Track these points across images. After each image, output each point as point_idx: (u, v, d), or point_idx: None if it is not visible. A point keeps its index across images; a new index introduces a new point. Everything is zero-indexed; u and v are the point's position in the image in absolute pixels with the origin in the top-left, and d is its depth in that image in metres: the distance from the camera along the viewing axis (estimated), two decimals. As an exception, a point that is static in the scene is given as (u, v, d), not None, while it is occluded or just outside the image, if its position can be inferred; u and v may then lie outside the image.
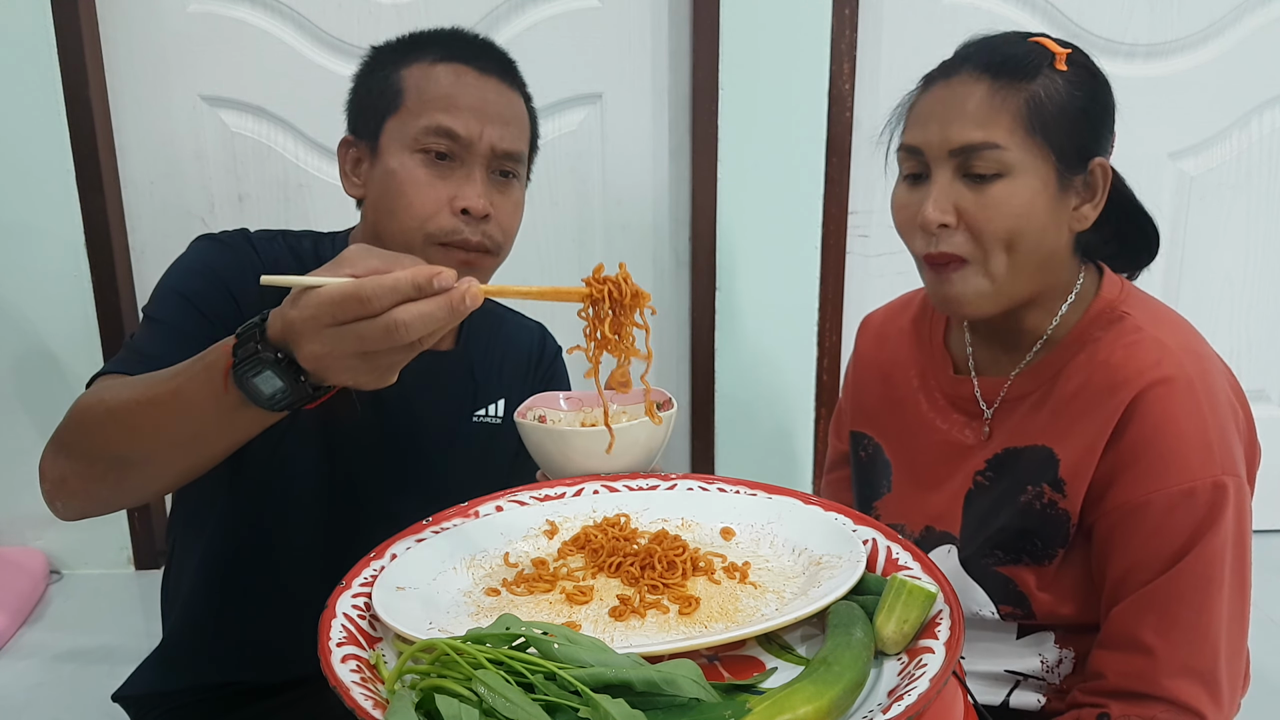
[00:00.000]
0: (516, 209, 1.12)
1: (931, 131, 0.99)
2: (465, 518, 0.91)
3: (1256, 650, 1.07)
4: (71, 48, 1.95)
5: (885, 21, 2.13)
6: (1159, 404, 0.95)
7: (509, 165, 1.10)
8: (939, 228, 0.98)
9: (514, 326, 1.30)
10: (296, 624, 1.08)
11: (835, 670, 0.65)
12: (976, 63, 0.99)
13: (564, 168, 2.16)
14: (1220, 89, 2.19)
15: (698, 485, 0.96)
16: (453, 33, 1.12)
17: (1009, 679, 1.09)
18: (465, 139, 1.05)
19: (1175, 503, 0.94)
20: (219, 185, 2.12)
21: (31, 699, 1.87)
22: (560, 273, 2.23)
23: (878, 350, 1.24)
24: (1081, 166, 1.00)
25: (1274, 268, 2.32)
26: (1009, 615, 1.06)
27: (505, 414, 1.23)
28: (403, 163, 1.06)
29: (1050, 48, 1.00)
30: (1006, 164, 0.96)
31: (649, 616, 0.77)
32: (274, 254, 1.11)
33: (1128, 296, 1.05)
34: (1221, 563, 0.95)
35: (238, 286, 1.04)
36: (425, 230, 1.05)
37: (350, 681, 0.65)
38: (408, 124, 1.06)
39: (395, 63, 1.09)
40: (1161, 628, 0.95)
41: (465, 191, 1.05)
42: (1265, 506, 2.46)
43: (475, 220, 1.06)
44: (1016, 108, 0.97)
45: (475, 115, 1.06)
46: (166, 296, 1.06)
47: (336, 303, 0.70)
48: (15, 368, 2.12)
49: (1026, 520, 1.03)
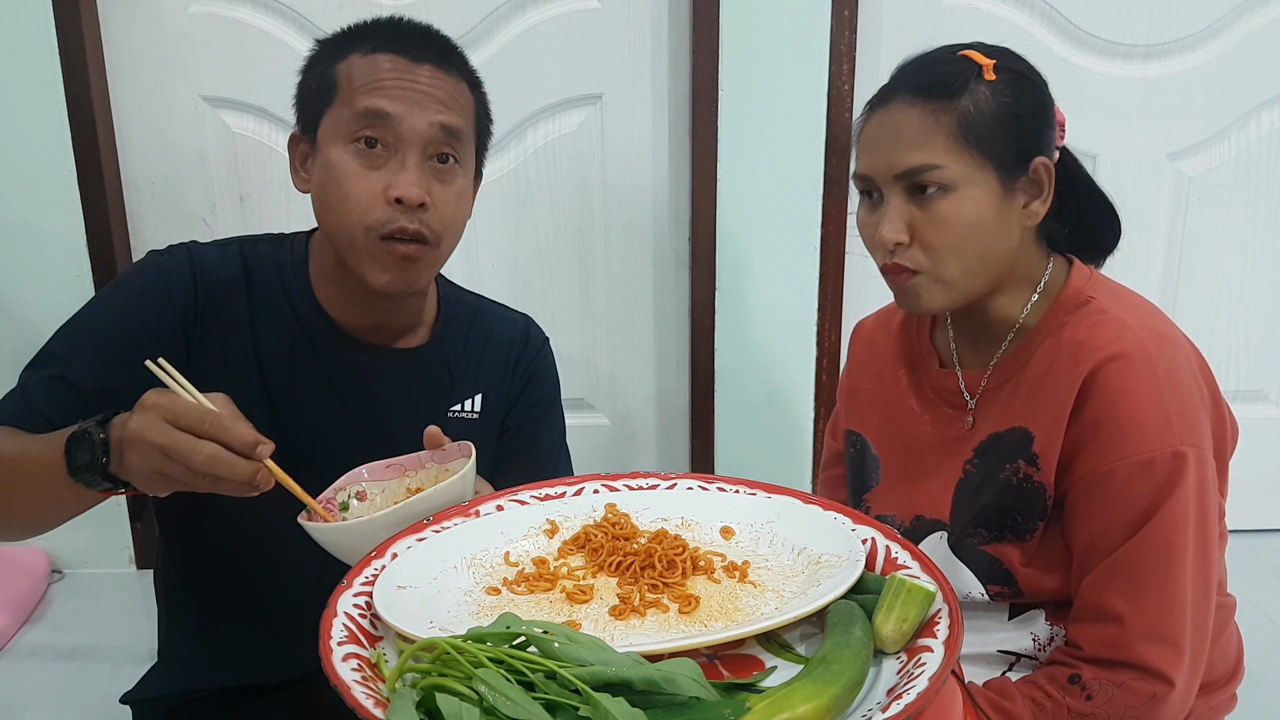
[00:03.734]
0: (459, 199, 1.08)
1: (877, 158, 1.06)
2: (466, 517, 0.91)
3: (1257, 650, 1.08)
4: (73, 48, 1.96)
5: (885, 22, 2.13)
6: (1116, 377, 1.00)
7: (447, 147, 1.05)
8: (895, 245, 1.05)
9: (494, 318, 1.26)
10: (280, 630, 1.08)
11: (834, 669, 0.66)
12: (908, 87, 1.04)
13: (564, 168, 2.16)
14: (1219, 89, 2.19)
15: (697, 485, 0.97)
16: (389, 21, 1.09)
17: (1003, 659, 1.13)
18: (394, 119, 1.02)
19: (1135, 472, 0.99)
20: (220, 186, 2.13)
21: (32, 699, 1.87)
22: (560, 273, 2.23)
23: (869, 354, 1.30)
24: (1023, 168, 1.05)
25: (1272, 268, 2.32)
26: (998, 595, 1.10)
27: (482, 409, 1.21)
28: (338, 154, 1.04)
29: (977, 60, 1.04)
30: (948, 181, 1.02)
31: (649, 615, 0.77)
32: (212, 263, 1.10)
33: (1095, 284, 1.10)
34: (1184, 530, 0.99)
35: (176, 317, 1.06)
36: (364, 223, 1.03)
37: (351, 680, 0.65)
38: (340, 114, 1.04)
39: (334, 56, 1.07)
40: (1129, 594, 0.99)
41: (399, 180, 1.02)
42: (1265, 506, 2.48)
43: (411, 209, 1.03)
44: (949, 127, 1.02)
45: (405, 96, 1.03)
46: (80, 339, 1.04)
47: (183, 410, 0.81)
48: (15, 368, 2.11)
49: (1006, 497, 1.08)
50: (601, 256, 2.22)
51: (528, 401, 1.25)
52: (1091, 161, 2.20)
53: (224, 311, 1.09)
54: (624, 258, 2.23)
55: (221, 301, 1.09)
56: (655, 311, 2.27)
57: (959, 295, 1.07)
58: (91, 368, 1.02)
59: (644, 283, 2.25)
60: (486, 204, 1.09)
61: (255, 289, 1.11)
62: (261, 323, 1.10)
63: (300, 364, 1.11)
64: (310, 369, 1.11)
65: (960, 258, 1.04)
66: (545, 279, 2.23)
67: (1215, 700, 1.17)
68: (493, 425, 1.23)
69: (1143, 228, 2.26)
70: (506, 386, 1.23)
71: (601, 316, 2.27)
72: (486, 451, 1.22)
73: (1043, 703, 1.02)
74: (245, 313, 1.10)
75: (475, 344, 1.22)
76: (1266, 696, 1.71)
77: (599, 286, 2.24)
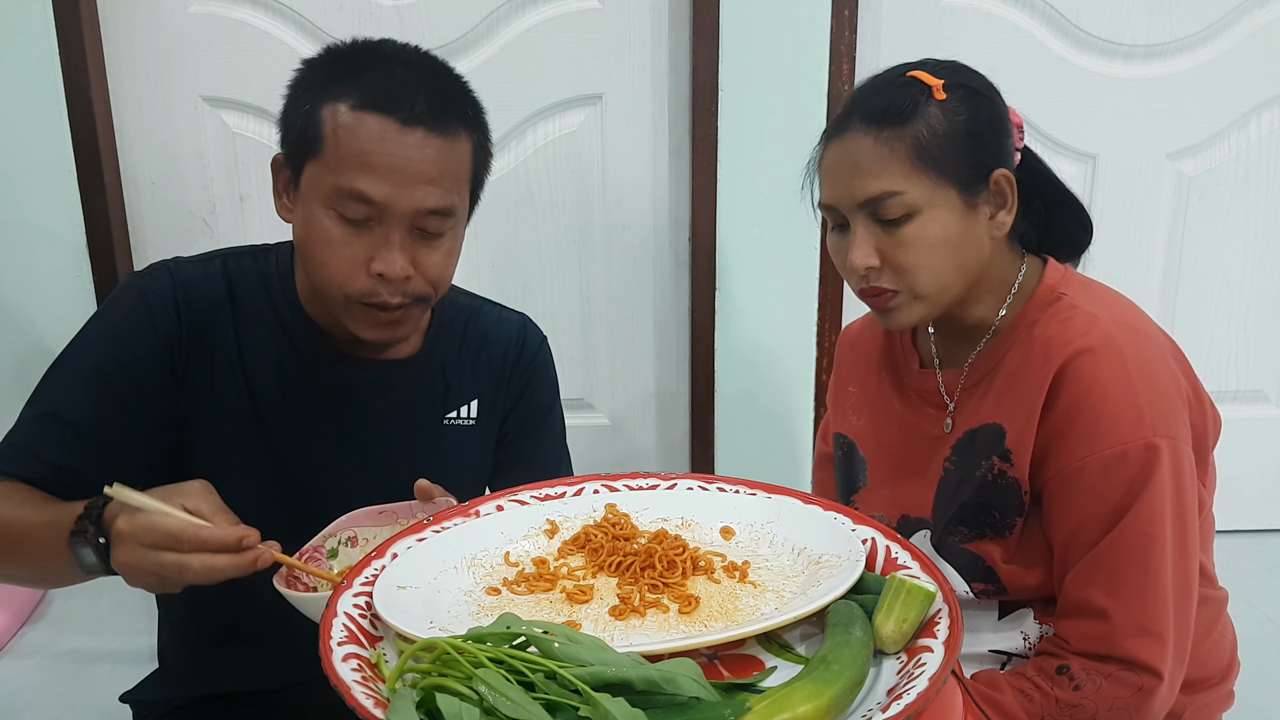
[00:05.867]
0: (447, 258, 1.04)
1: (839, 188, 1.06)
2: (466, 517, 0.91)
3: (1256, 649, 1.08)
4: (73, 48, 1.95)
5: (885, 22, 2.13)
6: (1086, 371, 1.01)
7: (434, 224, 1.01)
8: (867, 270, 1.05)
9: (490, 320, 1.22)
10: (276, 639, 1.08)
11: (835, 669, 0.66)
12: (861, 116, 1.05)
13: (564, 168, 2.16)
14: (1219, 90, 2.19)
15: (697, 485, 0.97)
16: (376, 72, 0.99)
17: (995, 659, 1.13)
18: (381, 204, 0.97)
19: (1109, 465, 1.00)
20: (220, 186, 2.13)
21: (32, 699, 1.87)
22: (560, 272, 2.23)
23: (854, 357, 1.31)
24: (984, 183, 1.06)
25: (1272, 268, 2.32)
26: (982, 592, 1.11)
27: (479, 414, 1.19)
28: (318, 218, 0.99)
29: (926, 81, 1.05)
30: (911, 205, 1.02)
31: (649, 615, 0.77)
32: (194, 282, 1.07)
33: (1068, 280, 1.11)
34: (1162, 522, 0.99)
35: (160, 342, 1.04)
36: (344, 291, 1.00)
37: (351, 680, 0.65)
38: (323, 177, 0.98)
39: (320, 94, 0.99)
40: (1111, 588, 1.00)
41: (382, 254, 0.98)
42: (1265, 506, 2.48)
43: (394, 282, 0.99)
44: (904, 152, 1.02)
45: (394, 178, 0.96)
46: (67, 374, 1.03)
47: (156, 533, 0.83)
48: (16, 368, 2.12)
49: (982, 493, 1.08)
50: (601, 256, 2.22)
51: (527, 406, 1.24)
52: (1091, 161, 2.20)
53: (209, 332, 1.07)
54: (624, 258, 2.23)
55: (206, 322, 1.07)
56: (655, 311, 2.27)
57: (936, 307, 1.08)
58: (81, 403, 1.01)
59: (644, 283, 2.25)
60: (487, 204, 1.07)
61: (241, 305, 1.08)
62: (248, 340, 1.08)
63: (290, 380, 1.09)
64: (300, 384, 1.09)
65: (932, 274, 1.05)
66: (545, 279, 2.23)
67: (1212, 697, 1.18)
68: (490, 431, 1.21)
69: (1143, 228, 2.26)
70: (504, 391, 1.22)
71: (601, 316, 2.27)
72: (484, 457, 1.22)
73: (1031, 694, 1.02)
74: (231, 331, 1.07)
75: (471, 348, 1.20)
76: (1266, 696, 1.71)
77: (599, 286, 2.24)
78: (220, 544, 0.83)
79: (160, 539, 0.83)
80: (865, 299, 1.10)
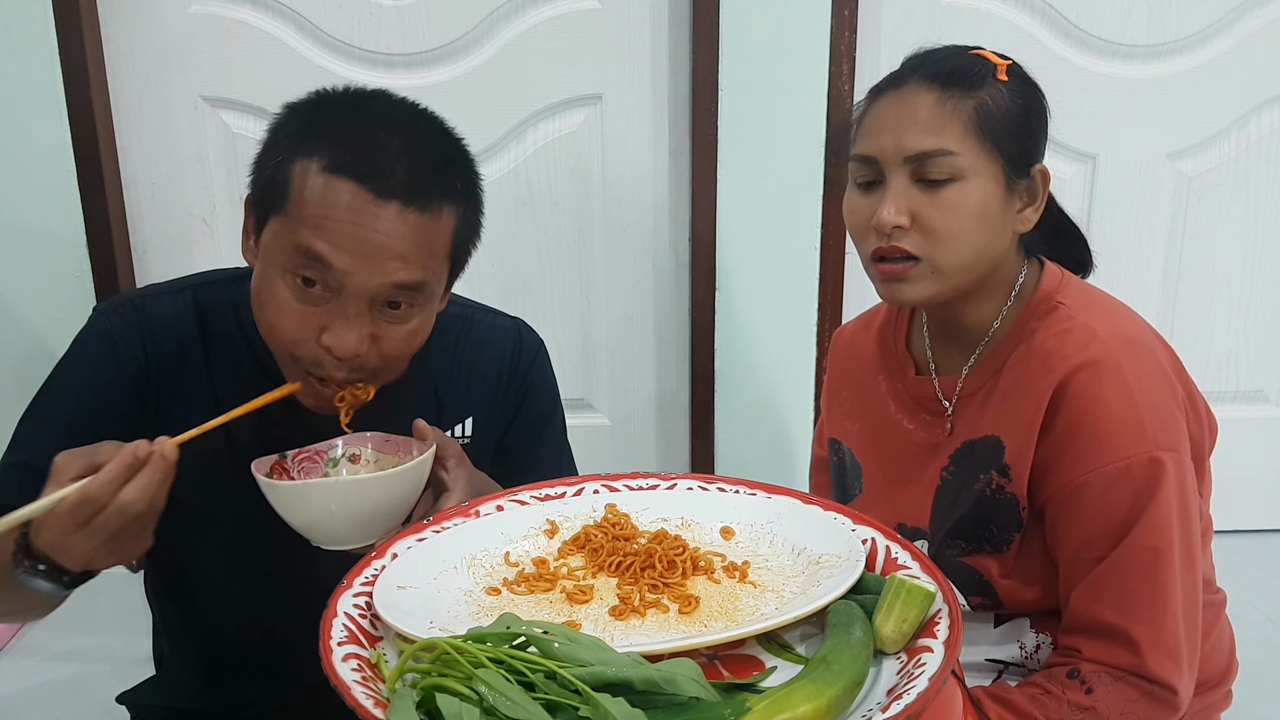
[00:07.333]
0: (411, 337, 0.97)
1: (885, 140, 1.03)
2: (466, 517, 0.91)
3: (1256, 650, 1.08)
4: (73, 48, 1.95)
5: (885, 22, 2.13)
6: (1085, 387, 1.00)
7: (401, 298, 0.93)
8: (893, 229, 1.03)
9: (483, 330, 1.16)
10: (275, 652, 1.07)
11: (835, 669, 0.66)
12: (924, 73, 1.03)
13: (564, 168, 2.16)
14: (1219, 90, 2.19)
15: (697, 485, 0.96)
16: (358, 133, 0.92)
17: (992, 668, 1.13)
18: (340, 274, 0.90)
19: (1113, 480, 0.99)
20: (220, 186, 2.13)
21: (32, 699, 1.87)
22: (560, 272, 2.23)
23: (848, 360, 1.30)
24: (1025, 172, 1.05)
25: (1272, 268, 2.32)
26: (979, 605, 1.11)
27: (474, 432, 1.14)
28: (273, 278, 0.93)
29: (991, 59, 1.04)
30: (959, 169, 1.01)
31: (649, 616, 0.77)
32: (163, 319, 1.04)
33: (1065, 287, 1.10)
34: (1169, 536, 0.99)
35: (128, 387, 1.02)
36: (292, 355, 0.94)
37: (351, 680, 0.65)
38: (284, 235, 0.91)
39: (294, 147, 0.93)
40: (1120, 604, 0.99)
41: (336, 328, 0.91)
42: (1265, 506, 2.48)
43: (343, 359, 0.93)
44: (967, 115, 1.01)
45: (359, 250, 0.89)
46: (38, 423, 1.02)
47: (71, 512, 0.80)
48: (16, 368, 2.12)
49: (980, 508, 1.07)
50: (601, 256, 2.22)
51: (525, 419, 1.19)
52: (1091, 161, 2.20)
53: (180, 368, 1.03)
54: (624, 258, 2.23)
55: (175, 361, 1.03)
56: (655, 311, 2.27)
57: (947, 289, 1.05)
58: (51, 454, 0.93)
59: (644, 283, 2.25)
60: (487, 204, 1.06)
61: (212, 338, 1.04)
62: (221, 375, 1.04)
63: (266, 412, 0.98)
64: (277, 416, 1.00)
65: (959, 247, 1.03)
66: (545, 279, 2.23)
67: (1211, 698, 1.17)
68: (486, 446, 1.16)
69: (1143, 228, 2.26)
70: (500, 404, 1.16)
71: (601, 316, 2.27)
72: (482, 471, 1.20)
73: (1042, 698, 1.02)
74: (203, 367, 1.04)
75: (464, 362, 1.14)
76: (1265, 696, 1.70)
77: (599, 286, 2.24)
78: (123, 471, 0.81)
79: (79, 515, 0.81)
80: (877, 267, 1.06)
